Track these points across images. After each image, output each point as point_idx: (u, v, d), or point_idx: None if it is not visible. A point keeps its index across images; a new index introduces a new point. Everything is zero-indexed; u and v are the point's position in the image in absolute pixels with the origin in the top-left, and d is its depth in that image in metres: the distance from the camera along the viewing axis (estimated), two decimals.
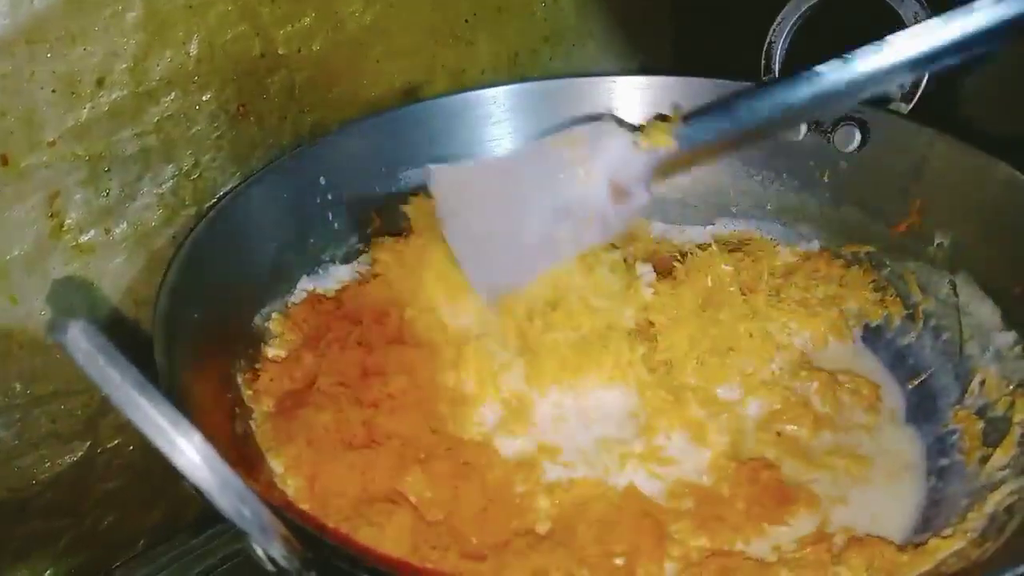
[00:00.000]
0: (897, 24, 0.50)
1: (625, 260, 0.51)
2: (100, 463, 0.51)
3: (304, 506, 0.40)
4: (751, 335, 0.49)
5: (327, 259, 0.55)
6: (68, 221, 0.46)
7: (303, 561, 0.31)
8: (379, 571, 0.35)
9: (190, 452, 0.28)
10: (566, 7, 0.64)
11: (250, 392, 0.45)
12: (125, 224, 0.48)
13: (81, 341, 0.29)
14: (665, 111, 0.57)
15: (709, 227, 0.60)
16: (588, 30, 0.66)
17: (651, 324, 0.49)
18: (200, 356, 0.43)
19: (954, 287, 0.50)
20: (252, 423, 0.43)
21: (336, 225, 0.55)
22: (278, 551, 0.30)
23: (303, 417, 0.43)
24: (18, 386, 0.47)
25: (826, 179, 0.56)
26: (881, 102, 0.54)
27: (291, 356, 0.48)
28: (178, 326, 0.41)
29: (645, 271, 0.51)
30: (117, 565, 0.51)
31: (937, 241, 0.51)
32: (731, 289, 0.51)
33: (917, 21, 0.51)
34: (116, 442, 0.51)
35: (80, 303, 0.48)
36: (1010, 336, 0.46)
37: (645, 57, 0.71)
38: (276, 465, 0.42)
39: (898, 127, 0.53)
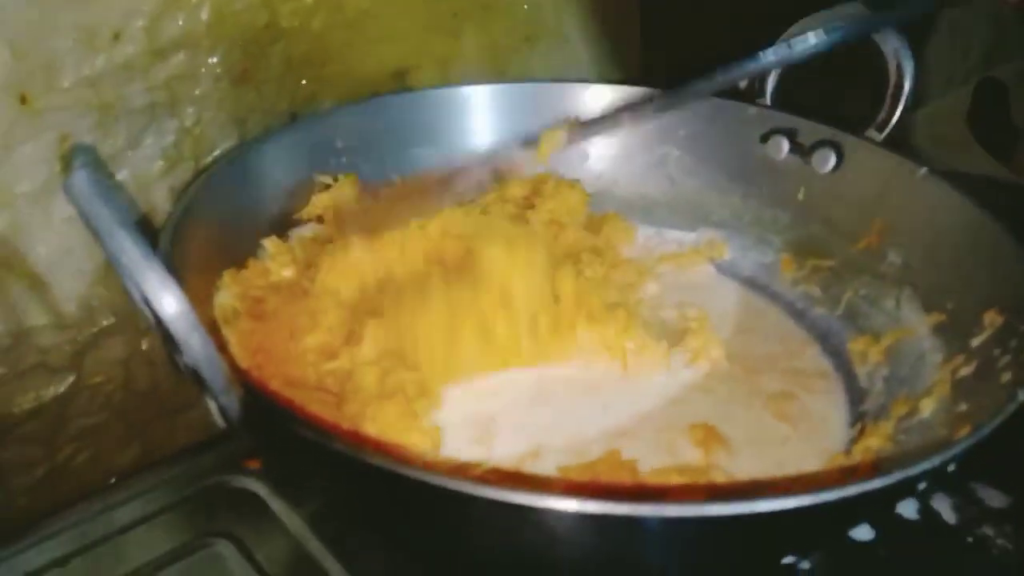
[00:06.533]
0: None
1: None
2: (81, 398, 0.54)
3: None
4: None
5: None
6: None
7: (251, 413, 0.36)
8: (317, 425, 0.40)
9: (169, 303, 0.33)
10: (546, 10, 0.69)
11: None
12: (127, 172, 0.52)
13: (84, 185, 0.32)
14: None
15: (690, 234, 0.65)
16: (564, 34, 0.72)
17: None
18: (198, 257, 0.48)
19: (898, 302, 0.55)
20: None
21: None
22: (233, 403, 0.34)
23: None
24: (11, 316, 0.50)
25: (800, 197, 0.61)
26: (857, 128, 0.59)
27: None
28: (185, 231, 0.46)
29: None
30: (93, 493, 0.53)
31: (889, 260, 0.56)
32: None
33: (897, 57, 0.57)
34: (98, 379, 0.54)
35: (78, 243, 0.51)
36: (937, 343, 0.51)
37: (614, 64, 0.77)
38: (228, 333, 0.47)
39: (870, 153, 0.58)
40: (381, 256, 0.52)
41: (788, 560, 0.46)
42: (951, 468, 0.36)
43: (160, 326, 0.35)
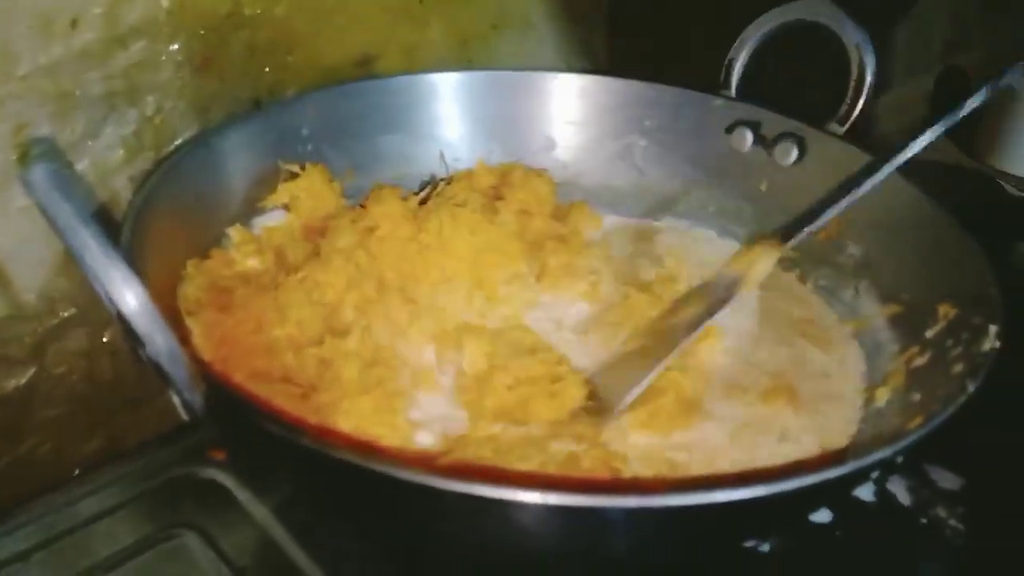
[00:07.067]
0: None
1: None
2: (43, 390, 0.54)
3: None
4: None
5: None
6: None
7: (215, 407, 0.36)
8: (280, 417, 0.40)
9: (131, 299, 0.33)
10: None
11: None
12: (87, 161, 0.51)
13: (43, 178, 0.32)
14: (598, 106, 0.64)
15: (655, 223, 0.65)
16: (531, 21, 0.72)
17: None
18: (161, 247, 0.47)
19: (856, 292, 0.56)
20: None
21: None
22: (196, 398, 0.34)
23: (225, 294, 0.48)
24: None
25: (763, 188, 0.62)
26: (818, 122, 0.60)
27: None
28: (147, 221, 0.45)
29: None
30: (57, 485, 0.53)
31: (848, 252, 0.57)
32: None
33: (859, 52, 0.57)
34: (61, 370, 0.54)
35: (38, 233, 0.50)
36: (894, 333, 0.53)
37: (581, 52, 0.77)
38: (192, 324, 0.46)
39: (831, 146, 0.59)
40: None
41: (749, 544, 0.47)
42: (899, 459, 0.37)
43: (122, 321, 0.34)
